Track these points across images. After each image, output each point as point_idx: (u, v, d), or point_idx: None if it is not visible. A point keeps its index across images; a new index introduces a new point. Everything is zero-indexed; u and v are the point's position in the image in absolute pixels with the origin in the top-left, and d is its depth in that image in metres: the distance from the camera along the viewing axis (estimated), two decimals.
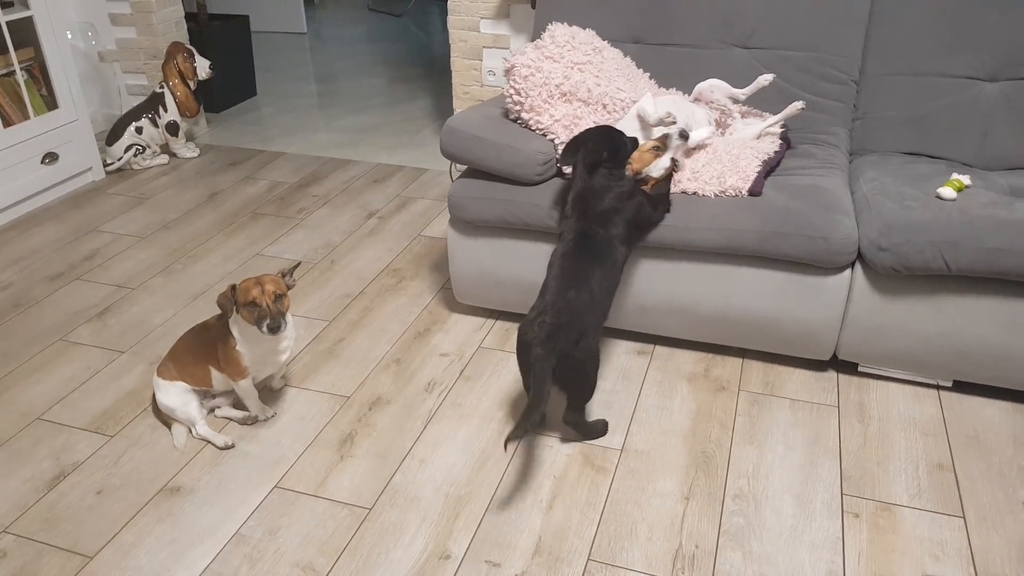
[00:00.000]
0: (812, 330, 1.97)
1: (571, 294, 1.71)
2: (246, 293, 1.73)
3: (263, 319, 1.72)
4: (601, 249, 1.79)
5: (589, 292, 1.73)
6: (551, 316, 1.68)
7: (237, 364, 1.84)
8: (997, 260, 1.73)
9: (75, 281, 2.61)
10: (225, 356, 1.84)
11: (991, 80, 2.23)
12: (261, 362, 1.87)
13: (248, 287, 1.73)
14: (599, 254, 1.78)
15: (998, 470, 1.76)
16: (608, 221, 1.81)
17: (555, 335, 1.66)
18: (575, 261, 1.77)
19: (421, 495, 1.72)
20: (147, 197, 3.22)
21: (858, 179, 2.11)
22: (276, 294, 1.74)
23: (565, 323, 1.67)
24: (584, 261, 1.77)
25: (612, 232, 1.80)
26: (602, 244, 1.79)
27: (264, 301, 1.72)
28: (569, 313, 1.68)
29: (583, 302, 1.71)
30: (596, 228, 1.80)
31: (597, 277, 1.75)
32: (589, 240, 1.79)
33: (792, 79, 2.36)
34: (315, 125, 4.03)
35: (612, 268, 1.80)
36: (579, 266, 1.76)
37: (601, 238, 1.79)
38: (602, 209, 1.81)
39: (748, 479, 1.75)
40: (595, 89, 2.10)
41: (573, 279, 1.74)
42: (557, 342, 1.65)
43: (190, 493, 1.75)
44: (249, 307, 1.73)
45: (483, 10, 3.00)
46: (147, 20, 3.54)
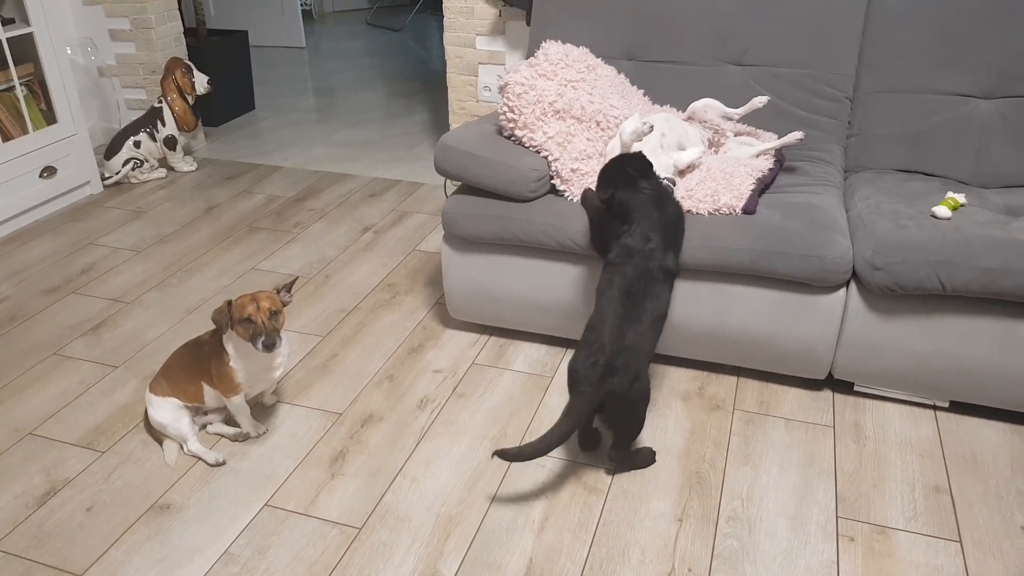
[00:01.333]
0: (807, 349, 1.96)
1: (629, 334, 1.65)
2: (241, 309, 1.72)
3: (258, 336, 1.71)
4: (659, 282, 1.72)
5: (642, 329, 1.67)
6: (606, 357, 1.63)
7: (230, 380, 1.84)
8: (993, 280, 1.72)
9: (71, 295, 2.61)
10: (219, 372, 1.84)
11: (986, 97, 2.23)
12: (255, 379, 1.86)
13: (243, 303, 1.73)
14: (656, 289, 1.72)
15: (995, 493, 1.74)
16: (668, 248, 1.75)
17: (608, 378, 1.62)
18: (635, 297, 1.69)
19: (412, 514, 1.71)
20: (144, 211, 3.22)
21: (852, 197, 2.10)
22: (271, 311, 1.73)
23: (622, 366, 1.63)
24: (643, 297, 1.70)
25: (668, 264, 1.74)
26: (660, 276, 1.72)
27: (259, 318, 1.71)
28: (627, 355, 1.64)
29: (638, 340, 1.66)
30: (664, 260, 1.73)
31: (650, 312, 1.69)
32: (651, 274, 1.72)
33: (786, 96, 2.36)
34: (312, 139, 4.04)
35: (664, 303, 1.74)
36: (638, 303, 1.69)
37: (660, 270, 1.72)
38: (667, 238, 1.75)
39: (742, 501, 1.73)
40: (588, 107, 2.10)
41: (629, 315, 1.67)
42: (610, 385, 1.62)
43: (180, 510, 1.73)
44: (244, 323, 1.72)
45: (479, 27, 3.01)
46: (146, 36, 3.56)
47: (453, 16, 3.04)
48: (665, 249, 1.75)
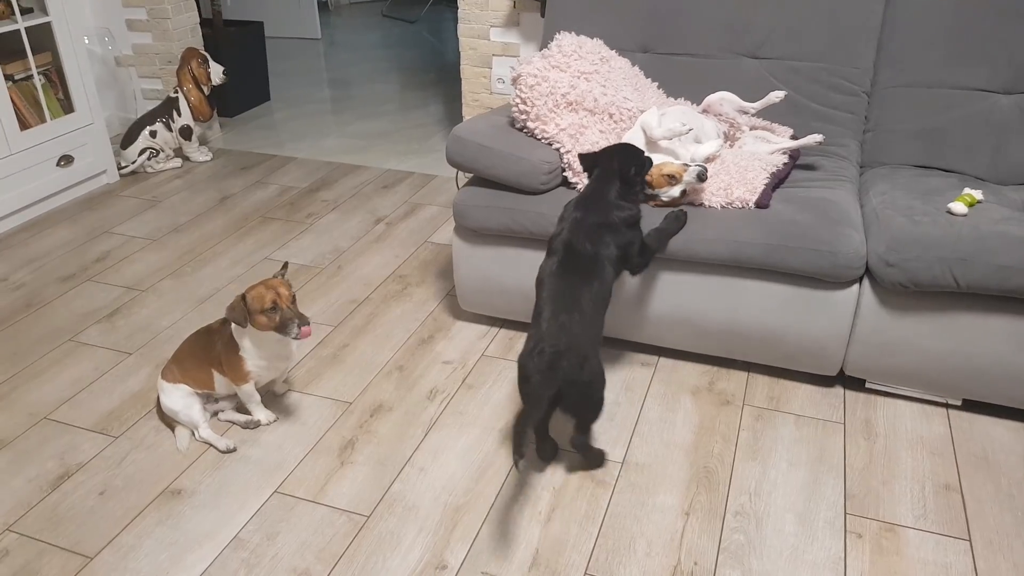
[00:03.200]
0: (819, 345, 1.95)
1: (563, 317, 1.63)
2: (260, 300, 1.72)
3: (290, 323, 1.72)
4: (590, 266, 1.71)
5: (581, 312, 1.65)
6: (550, 344, 1.60)
7: (239, 369, 1.85)
8: (1008, 278, 1.70)
9: (86, 282, 2.64)
10: (228, 361, 1.85)
11: (1005, 93, 2.20)
12: (265, 367, 1.88)
13: (261, 294, 1.73)
14: (588, 271, 1.70)
15: (1007, 492, 1.72)
16: (601, 239, 1.73)
17: (557, 363, 1.58)
18: (564, 281, 1.69)
19: (420, 504, 1.72)
20: (159, 200, 3.25)
21: (868, 192, 2.08)
22: (292, 296, 1.76)
23: (565, 349, 1.59)
24: (573, 279, 1.69)
25: (602, 251, 1.72)
26: (591, 261, 1.71)
27: (284, 304, 1.73)
28: (568, 337, 1.61)
29: (578, 324, 1.63)
30: (586, 243, 1.72)
31: (587, 296, 1.67)
32: (578, 256, 1.71)
33: (802, 90, 2.34)
34: (327, 130, 4.05)
35: (602, 287, 1.71)
36: (569, 286, 1.68)
37: (589, 254, 1.71)
38: (599, 223, 1.74)
39: (750, 496, 1.72)
40: (601, 99, 2.09)
41: (564, 301, 1.66)
42: (560, 371, 1.58)
43: (191, 496, 1.75)
44: (268, 313, 1.72)
45: (493, 19, 3.00)
46: (163, 26, 3.58)
47: (467, 8, 3.03)
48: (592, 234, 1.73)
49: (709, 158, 2.07)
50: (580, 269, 1.71)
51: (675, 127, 1.95)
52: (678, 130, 1.95)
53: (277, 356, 1.86)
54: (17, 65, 2.98)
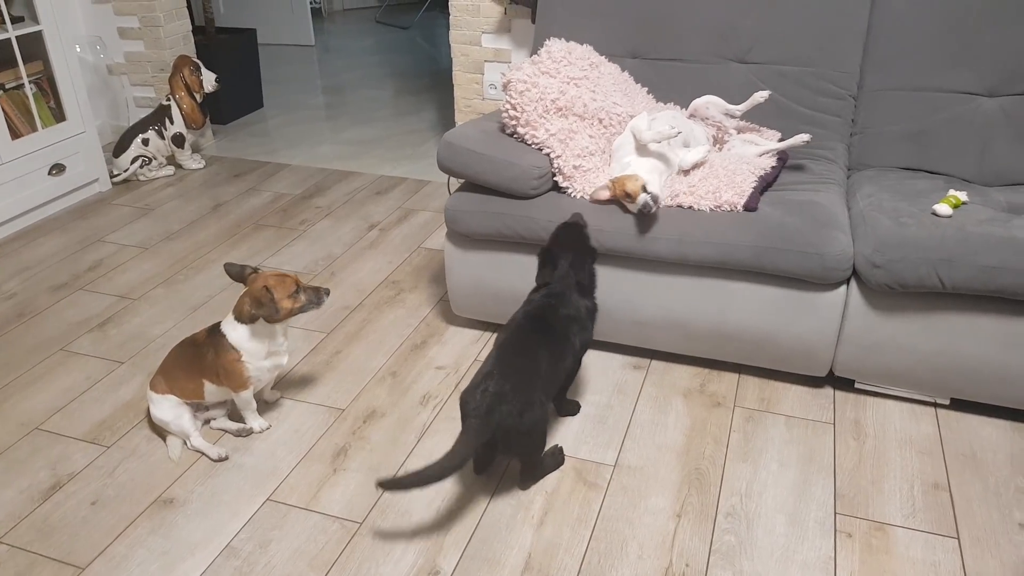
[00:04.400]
0: (808, 346, 1.96)
1: (515, 361, 1.63)
2: (283, 288, 1.80)
3: (318, 295, 1.85)
4: (556, 337, 1.73)
5: (534, 363, 1.64)
6: (495, 384, 1.57)
7: (240, 375, 1.85)
8: (992, 278, 1.72)
9: (78, 291, 2.64)
10: (226, 368, 1.85)
11: (990, 95, 2.22)
12: (266, 368, 1.89)
13: (280, 282, 1.81)
14: (552, 339, 1.72)
15: (994, 490, 1.74)
16: (568, 328, 1.75)
17: (496, 409, 1.55)
18: (527, 335, 1.70)
19: (412, 510, 1.72)
20: (152, 208, 3.25)
21: (855, 195, 2.10)
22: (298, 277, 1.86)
23: (509, 393, 1.56)
24: (536, 338, 1.70)
25: (572, 336, 1.75)
26: (559, 335, 1.73)
27: (302, 284, 1.84)
28: (515, 380, 1.59)
29: (530, 372, 1.63)
30: (552, 325, 1.74)
31: (545, 354, 1.67)
32: (547, 326, 1.73)
33: (790, 94, 2.36)
34: (320, 137, 4.06)
35: (562, 356, 1.73)
36: (530, 341, 1.69)
37: (559, 332, 1.74)
38: (570, 315, 1.76)
39: (741, 497, 1.73)
40: (591, 104, 2.11)
41: (520, 349, 1.66)
42: (497, 416, 1.56)
43: (183, 505, 1.75)
44: (293, 296, 1.81)
45: (485, 25, 3.02)
46: (155, 34, 3.59)
47: (459, 14, 3.05)
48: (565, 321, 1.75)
49: (697, 163, 2.09)
50: (546, 334, 1.72)
51: (664, 130, 1.97)
52: (667, 133, 1.97)
53: (275, 353, 1.88)
54: (8, 74, 2.98)
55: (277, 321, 1.81)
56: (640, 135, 2.00)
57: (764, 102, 2.19)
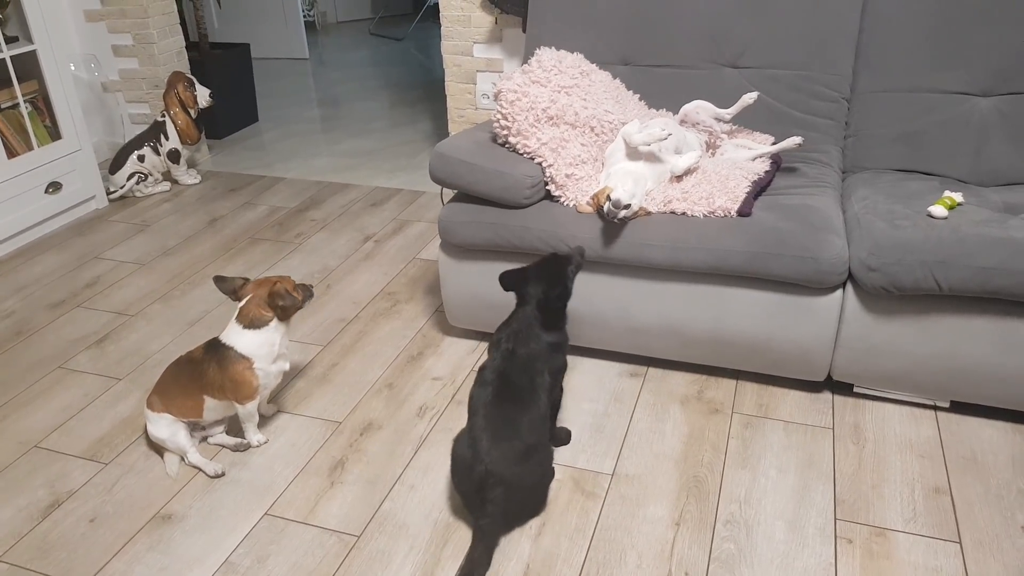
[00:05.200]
0: (805, 351, 1.95)
1: (504, 445, 1.58)
2: (288, 283, 1.89)
3: (308, 289, 1.95)
4: (525, 395, 1.65)
5: (521, 439, 1.60)
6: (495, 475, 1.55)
7: (249, 384, 1.86)
8: (989, 279, 1.71)
9: (76, 308, 2.64)
10: (234, 380, 1.85)
11: (984, 95, 2.22)
12: (274, 373, 1.91)
13: (281, 279, 1.90)
14: (522, 400, 1.65)
15: (996, 493, 1.72)
16: (533, 368, 1.68)
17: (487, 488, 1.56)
18: (499, 409, 1.62)
19: (410, 522, 1.72)
20: (148, 224, 3.26)
21: (850, 198, 2.10)
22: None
23: (498, 479, 1.55)
24: (508, 408, 1.63)
25: (537, 380, 1.67)
26: (526, 391, 1.66)
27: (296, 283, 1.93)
28: (506, 464, 1.56)
29: (518, 450, 1.59)
30: (521, 375, 1.67)
31: (526, 424, 1.62)
32: (512, 385, 1.66)
33: (782, 98, 2.36)
34: (315, 150, 4.06)
35: (536, 415, 1.65)
36: (504, 414, 1.62)
37: (525, 385, 1.66)
38: (530, 353, 1.69)
39: (740, 504, 1.72)
40: (582, 112, 2.11)
41: (504, 429, 1.60)
42: (487, 494, 1.56)
43: (181, 521, 1.75)
44: (296, 290, 1.91)
45: (476, 35, 3.03)
46: (149, 51, 3.60)
47: (450, 25, 3.05)
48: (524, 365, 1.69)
49: (689, 169, 2.08)
50: (514, 397, 1.65)
51: (654, 132, 1.96)
52: (657, 135, 1.95)
53: (282, 356, 1.92)
54: (3, 94, 2.99)
55: (292, 314, 1.90)
56: (630, 138, 2.00)
57: (753, 103, 2.19)
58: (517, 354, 1.70)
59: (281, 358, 1.91)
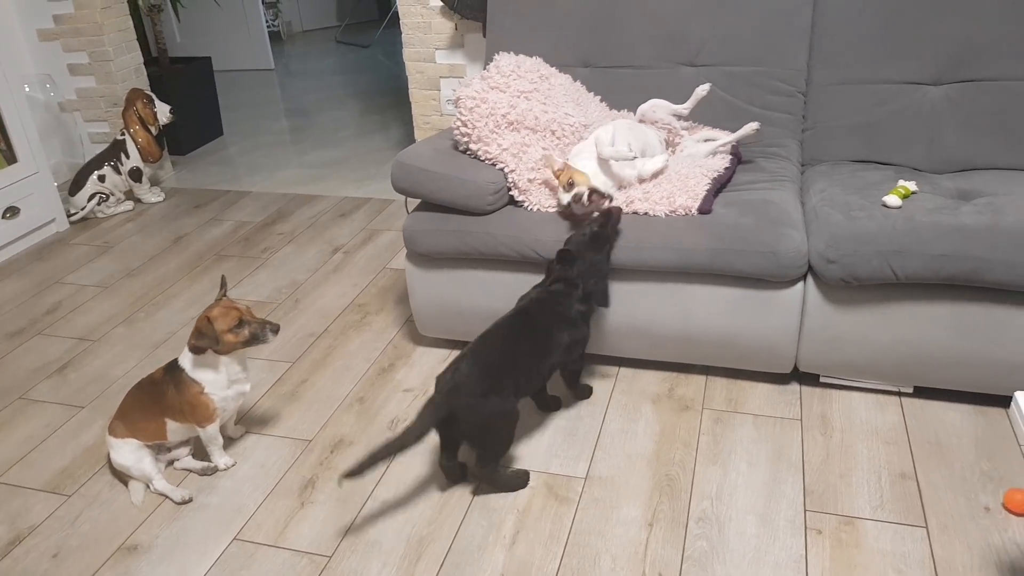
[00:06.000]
0: (770, 344, 1.97)
1: (494, 350, 1.71)
2: (225, 320, 1.75)
3: (263, 329, 1.78)
4: (540, 333, 1.79)
5: (512, 357, 1.72)
6: (465, 366, 1.66)
7: (206, 408, 1.82)
8: (943, 266, 1.73)
9: (36, 336, 2.59)
10: (191, 403, 1.82)
11: (935, 84, 2.24)
12: (231, 397, 1.86)
13: (224, 314, 1.76)
14: (535, 335, 1.78)
15: (960, 475, 1.75)
16: (559, 323, 1.81)
17: (460, 388, 1.64)
18: (509, 327, 1.77)
19: (382, 539, 1.70)
20: (111, 245, 3.21)
21: (809, 190, 2.11)
22: (248, 308, 1.80)
23: (476, 376, 1.65)
24: (519, 331, 1.77)
25: (556, 334, 1.80)
26: (543, 331, 1.79)
27: (248, 317, 1.78)
28: (485, 366, 1.67)
29: (504, 362, 1.70)
30: (545, 317, 1.80)
31: (527, 351, 1.75)
32: (531, 321, 1.80)
33: (740, 94, 2.37)
34: (282, 162, 4.03)
35: (544, 353, 1.79)
36: (511, 333, 1.77)
37: (543, 328, 1.79)
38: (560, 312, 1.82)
39: (711, 500, 1.73)
40: (542, 116, 2.11)
41: (501, 339, 1.74)
42: (459, 395, 1.64)
43: (148, 551, 1.72)
44: (235, 330, 1.76)
45: (437, 41, 3.02)
46: (105, 68, 3.54)
47: (411, 31, 3.04)
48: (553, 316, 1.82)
49: (656, 172, 2.08)
50: (529, 328, 1.79)
51: (622, 150, 1.98)
52: (624, 154, 1.98)
53: (238, 380, 1.86)
54: None
55: (223, 353, 1.78)
56: (602, 150, 2.00)
57: (707, 95, 2.20)
58: (547, 307, 1.82)
59: (238, 382, 1.86)
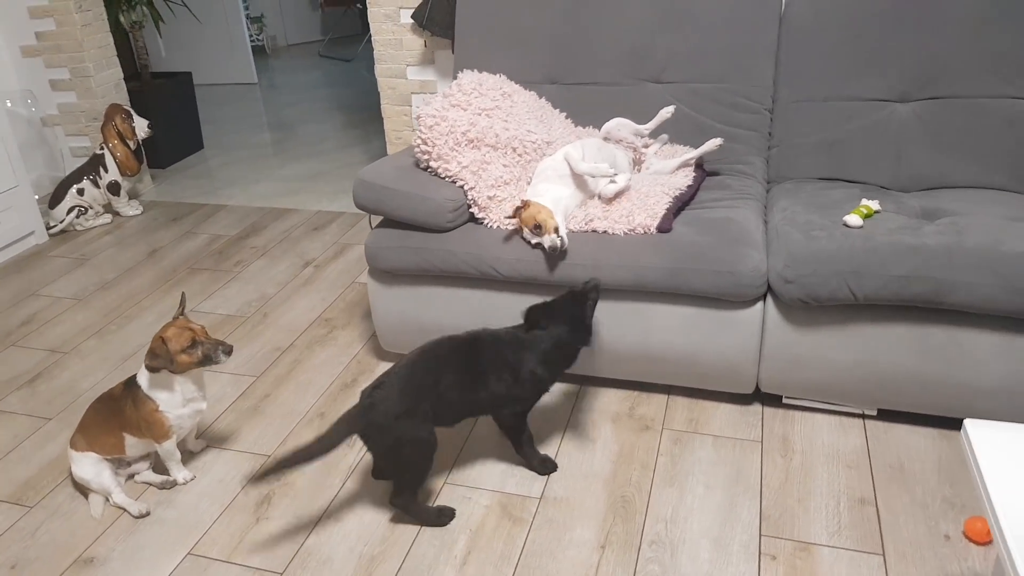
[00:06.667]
0: (731, 364, 1.96)
1: (420, 373, 1.66)
2: (178, 341, 1.75)
3: (215, 350, 1.78)
4: (477, 367, 1.71)
5: (436, 383, 1.66)
6: (386, 385, 1.64)
7: (161, 425, 1.82)
8: (902, 287, 1.73)
9: (9, 348, 2.58)
10: (147, 420, 1.81)
11: (902, 101, 2.24)
12: (186, 415, 1.86)
13: (178, 335, 1.76)
14: (471, 366, 1.71)
15: (921, 502, 1.73)
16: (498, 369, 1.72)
17: (374, 407, 1.62)
18: (443, 352, 1.71)
19: (334, 556, 1.69)
20: (88, 258, 3.20)
21: (772, 208, 2.11)
22: (204, 329, 1.80)
23: (393, 397, 1.62)
24: (453, 358, 1.71)
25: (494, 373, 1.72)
26: (483, 366, 1.71)
27: (202, 338, 1.78)
28: (404, 387, 1.64)
29: (426, 386, 1.65)
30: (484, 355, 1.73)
31: (454, 380, 1.68)
32: (473, 352, 1.73)
33: (705, 111, 2.37)
34: (259, 175, 4.03)
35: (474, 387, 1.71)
36: (442, 359, 1.70)
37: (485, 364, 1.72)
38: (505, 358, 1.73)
39: (666, 523, 1.72)
40: (503, 133, 2.11)
41: (431, 363, 1.68)
42: (372, 414, 1.62)
43: (103, 564, 1.71)
44: (189, 351, 1.76)
45: (408, 58, 3.03)
46: (86, 84, 3.56)
47: (383, 48, 3.05)
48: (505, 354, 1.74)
49: (618, 192, 2.07)
50: (468, 357, 1.72)
51: (603, 167, 1.98)
52: (605, 170, 1.98)
53: (194, 398, 1.85)
54: None
55: (178, 373, 1.78)
56: (575, 165, 2.00)
57: (670, 117, 2.20)
58: (498, 348, 1.74)
59: (193, 400, 1.85)
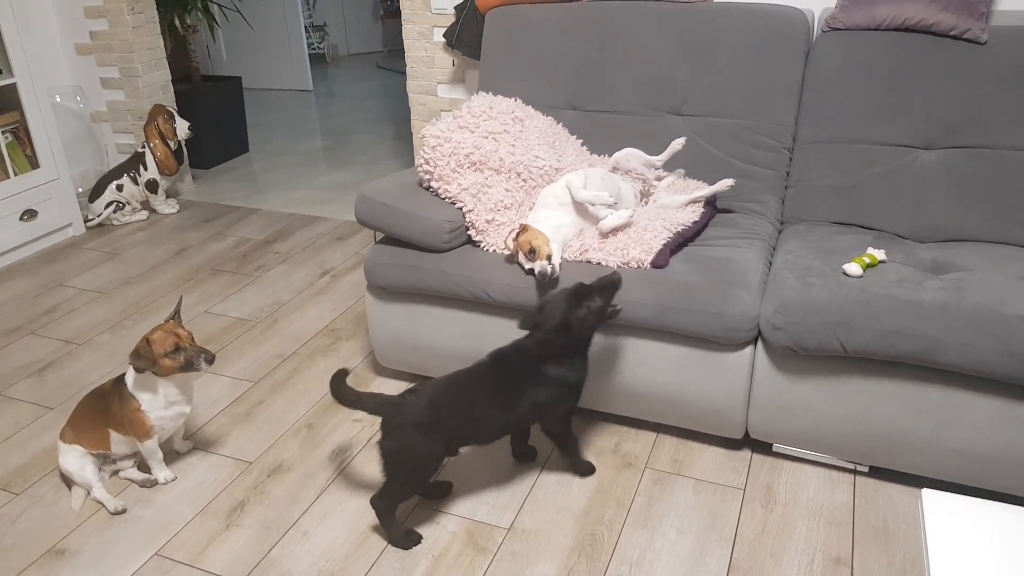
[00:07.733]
0: (718, 407, 1.90)
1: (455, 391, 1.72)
2: (163, 344, 1.78)
3: (197, 357, 1.80)
4: (507, 385, 1.75)
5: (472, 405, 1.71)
6: (425, 390, 1.70)
7: (143, 424, 1.86)
8: (893, 343, 1.65)
9: (28, 335, 2.69)
10: (129, 418, 1.86)
11: (927, 148, 2.15)
12: (169, 417, 1.89)
13: (163, 339, 1.79)
14: (501, 386, 1.75)
15: (899, 567, 1.64)
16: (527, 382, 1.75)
17: (403, 407, 1.68)
18: (488, 376, 1.76)
19: (295, 570, 1.69)
20: (119, 252, 3.32)
21: (779, 250, 2.05)
22: (190, 335, 1.83)
23: (422, 405, 1.68)
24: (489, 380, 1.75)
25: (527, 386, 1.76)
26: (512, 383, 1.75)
27: (186, 344, 1.80)
28: (437, 400, 1.70)
29: (458, 404, 1.71)
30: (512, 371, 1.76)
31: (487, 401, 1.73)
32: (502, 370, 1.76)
33: (723, 146, 2.32)
34: (298, 182, 4.12)
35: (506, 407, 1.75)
36: (482, 380, 1.75)
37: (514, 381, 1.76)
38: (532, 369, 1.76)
39: (631, 566, 1.67)
40: (508, 158, 2.10)
41: (474, 389, 1.74)
42: (395, 412, 1.68)
43: (74, 556, 1.75)
44: (172, 356, 1.79)
45: (439, 75, 3.06)
46: (134, 84, 3.70)
47: (415, 65, 3.09)
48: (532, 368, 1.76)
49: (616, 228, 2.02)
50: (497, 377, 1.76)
51: (603, 196, 1.96)
52: (605, 199, 1.96)
53: (177, 402, 1.88)
54: None
55: (161, 376, 1.81)
56: (576, 192, 1.98)
57: (682, 149, 2.16)
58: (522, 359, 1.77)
59: (177, 403, 1.88)
